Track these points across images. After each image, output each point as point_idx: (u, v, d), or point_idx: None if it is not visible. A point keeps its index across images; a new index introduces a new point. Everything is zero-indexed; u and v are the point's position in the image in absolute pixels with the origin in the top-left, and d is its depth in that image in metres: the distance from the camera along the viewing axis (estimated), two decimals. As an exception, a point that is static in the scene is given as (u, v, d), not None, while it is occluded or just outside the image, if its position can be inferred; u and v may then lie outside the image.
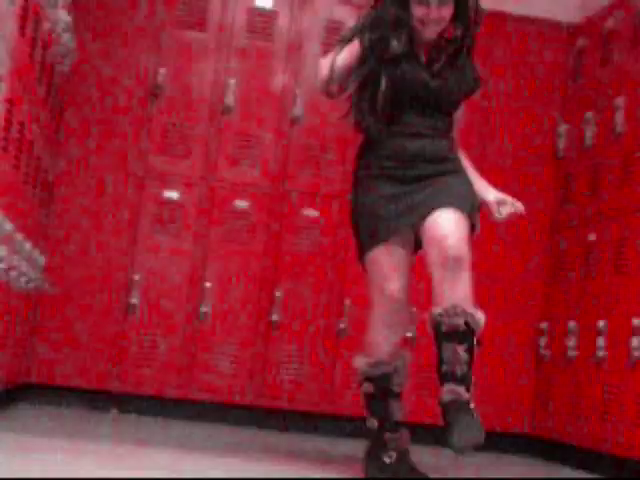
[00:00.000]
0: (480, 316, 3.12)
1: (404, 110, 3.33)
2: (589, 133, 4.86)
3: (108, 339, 4.88)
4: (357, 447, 4.46)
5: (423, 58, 3.38)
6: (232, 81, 5.06)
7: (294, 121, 5.10)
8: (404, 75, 3.29)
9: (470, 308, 3.08)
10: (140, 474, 2.85)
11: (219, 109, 5.05)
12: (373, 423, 3.33)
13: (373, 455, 3.32)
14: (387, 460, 3.26)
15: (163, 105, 5.01)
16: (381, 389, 3.31)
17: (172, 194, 4.99)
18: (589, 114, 4.87)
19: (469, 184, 3.36)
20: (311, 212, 5.07)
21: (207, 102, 5.06)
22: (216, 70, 5.08)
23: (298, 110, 5.09)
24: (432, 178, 3.29)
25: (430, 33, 3.33)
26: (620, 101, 4.56)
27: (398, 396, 3.32)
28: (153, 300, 4.92)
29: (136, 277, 4.91)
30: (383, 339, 3.32)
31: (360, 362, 3.36)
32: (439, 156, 3.33)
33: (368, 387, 3.33)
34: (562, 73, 5.26)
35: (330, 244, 5.07)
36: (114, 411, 4.81)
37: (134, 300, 4.89)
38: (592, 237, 4.69)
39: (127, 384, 4.87)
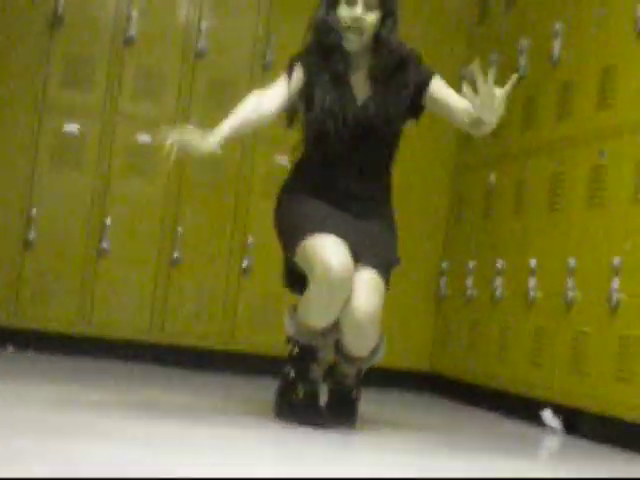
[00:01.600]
0: (379, 356, 3.23)
1: (335, 146, 3.22)
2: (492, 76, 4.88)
3: (4, 275, 4.78)
4: (260, 384, 4.48)
5: (354, 83, 3.25)
6: (135, 12, 4.94)
7: (198, 55, 5.01)
8: (328, 113, 3.19)
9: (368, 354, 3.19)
10: None
11: (121, 41, 4.94)
12: (289, 371, 3.26)
13: (284, 393, 3.28)
14: (294, 398, 3.23)
15: (63, 35, 4.87)
16: (306, 354, 3.26)
17: (72, 127, 4.88)
18: (493, 56, 4.89)
19: (394, 237, 3.30)
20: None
21: (109, 34, 4.93)
22: (119, 0, 4.95)
23: (202, 44, 5.01)
24: (361, 217, 3.22)
25: (350, 45, 3.20)
26: (524, 44, 4.59)
27: (321, 362, 3.28)
28: (52, 236, 4.83)
29: (33, 212, 4.80)
30: (315, 321, 3.13)
31: (289, 325, 3.23)
32: (369, 197, 3.25)
33: (293, 347, 3.25)
34: (468, 15, 5.27)
35: (234, 179, 5.02)
36: (10, 348, 4.72)
37: (32, 236, 4.79)
38: (492, 178, 4.74)
39: (24, 320, 4.79)
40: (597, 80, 3.95)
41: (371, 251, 3.15)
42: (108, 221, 4.87)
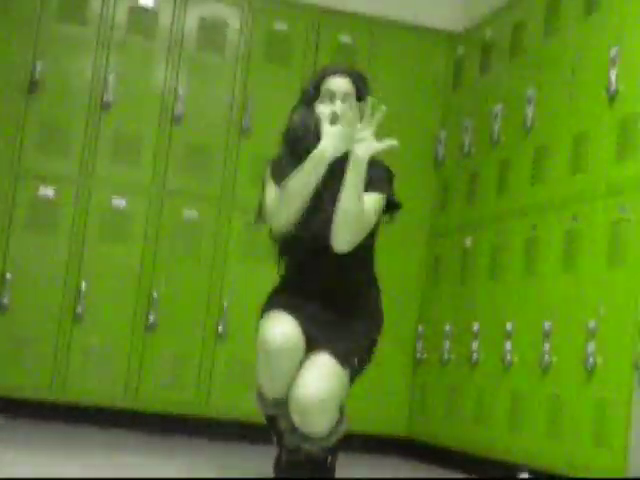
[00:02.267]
0: (334, 438, 3.11)
1: (307, 251, 3.19)
2: (467, 140, 4.94)
3: (-22, 340, 4.74)
4: (234, 450, 4.43)
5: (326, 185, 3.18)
6: (112, 77, 4.97)
7: (175, 120, 5.04)
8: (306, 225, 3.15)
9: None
10: None
11: (98, 105, 4.96)
12: (273, 438, 3.27)
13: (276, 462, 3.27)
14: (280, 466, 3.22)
15: (40, 100, 4.89)
16: (270, 424, 3.23)
17: (47, 192, 4.87)
18: (468, 121, 4.95)
19: (366, 328, 3.21)
20: (191, 213, 5.02)
21: (86, 98, 4.96)
22: (95, 66, 4.98)
23: (179, 109, 5.04)
24: (335, 311, 3.18)
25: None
26: (497, 109, 4.65)
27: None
28: (26, 300, 4.79)
29: (8, 276, 4.78)
30: (266, 388, 3.10)
31: (255, 396, 3.22)
32: (346, 294, 3.20)
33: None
34: (443, 81, 5.34)
35: (209, 246, 5.02)
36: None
37: (5, 300, 4.75)
38: (468, 242, 4.76)
39: (-3, 386, 4.74)
40: (570, 145, 4.00)
41: (332, 339, 3.09)
42: (83, 286, 4.84)
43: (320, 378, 3.01)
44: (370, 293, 3.29)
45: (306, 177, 3.11)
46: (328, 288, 3.17)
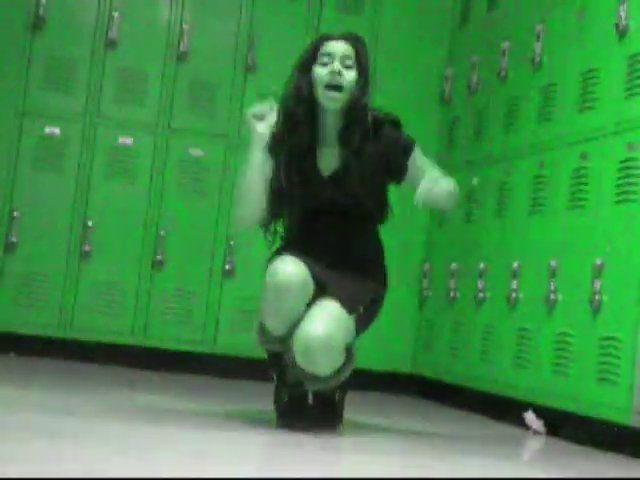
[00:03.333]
0: (341, 378, 3.11)
1: (314, 219, 3.20)
2: (475, 77, 4.90)
3: (-14, 278, 4.76)
4: (241, 386, 4.48)
5: (321, 156, 3.19)
6: (117, 14, 4.93)
7: (180, 57, 5.00)
8: (297, 194, 3.17)
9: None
10: None
11: (103, 43, 4.93)
12: (272, 376, 3.28)
13: (275, 398, 3.28)
14: (280, 402, 3.23)
15: (44, 38, 4.86)
16: (272, 360, 3.23)
17: (54, 130, 4.86)
18: (475, 58, 4.91)
19: (368, 284, 3.22)
20: (197, 150, 5.01)
21: (90, 36, 4.92)
22: (100, 2, 4.94)
23: (184, 46, 5.00)
24: (341, 265, 3.19)
25: (332, 104, 3.13)
26: (505, 46, 4.60)
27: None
28: (33, 238, 4.81)
29: (15, 214, 4.79)
30: (270, 326, 3.11)
31: (256, 333, 3.21)
32: (351, 257, 3.22)
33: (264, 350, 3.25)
34: (450, 17, 5.28)
35: (215, 183, 5.01)
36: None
37: (13, 238, 4.77)
38: (475, 181, 4.75)
39: (5, 323, 4.77)
40: (579, 82, 3.97)
41: (339, 287, 3.11)
42: (90, 224, 4.85)
43: (326, 320, 3.02)
44: (376, 255, 3.30)
45: (247, 170, 3.16)
46: (333, 249, 3.18)
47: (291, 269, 3.02)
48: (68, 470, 2.02)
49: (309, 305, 3.08)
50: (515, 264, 4.24)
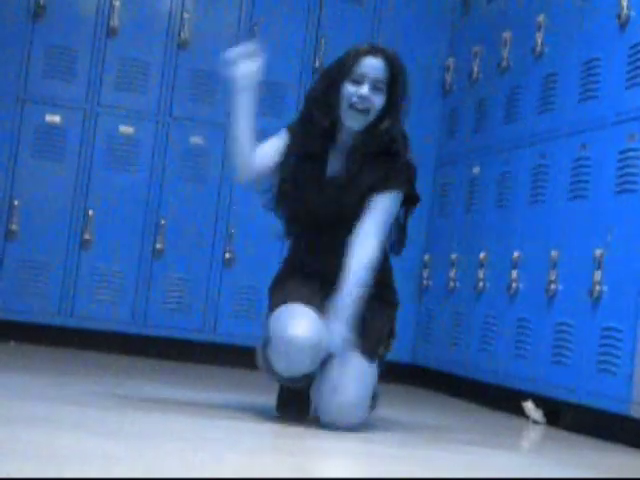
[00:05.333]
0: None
1: (310, 225, 3.10)
2: (476, 67, 4.89)
3: (-14, 266, 4.76)
4: (241, 375, 4.48)
5: (331, 161, 3.09)
6: (117, 2, 4.92)
7: (181, 46, 5.00)
8: (300, 198, 3.07)
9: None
10: None
11: (104, 31, 4.92)
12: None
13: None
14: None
15: (45, 25, 4.85)
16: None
17: (54, 118, 4.86)
18: (477, 48, 4.90)
19: (385, 316, 3.13)
20: (198, 139, 5.00)
21: (91, 24, 4.91)
22: (101, -9, 4.94)
23: (185, 35, 4.99)
24: None
25: (355, 122, 3.01)
26: (507, 36, 4.60)
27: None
28: (34, 227, 4.81)
29: (16, 202, 4.79)
30: (281, 372, 2.95)
31: (260, 358, 3.06)
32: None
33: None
34: (452, 7, 5.27)
35: (216, 172, 5.01)
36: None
37: (13, 226, 4.77)
38: (476, 170, 4.75)
39: (5, 311, 4.77)
40: (580, 72, 3.96)
41: (355, 329, 2.95)
42: (90, 212, 4.85)
43: (351, 387, 2.91)
44: (384, 271, 3.15)
45: (233, 119, 3.02)
46: (338, 269, 3.00)
47: (302, 330, 2.85)
48: (67, 459, 2.02)
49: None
50: (515, 254, 4.24)
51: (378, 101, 3.02)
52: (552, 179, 4.08)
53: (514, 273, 4.23)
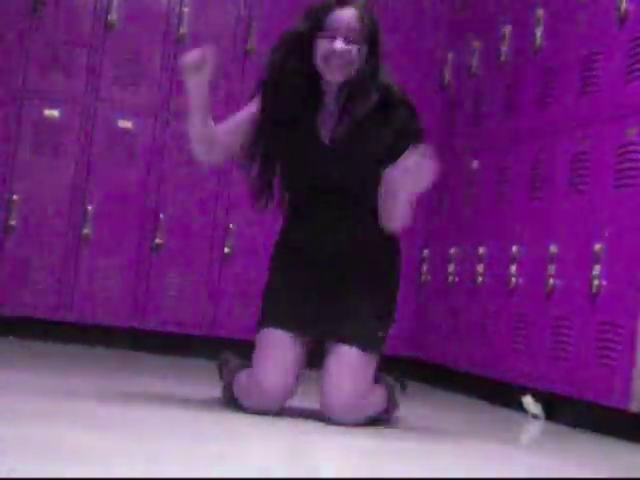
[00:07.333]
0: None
1: (309, 197, 2.99)
2: (474, 62, 4.89)
3: (-15, 261, 4.76)
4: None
5: (325, 124, 2.97)
6: (116, -3, 4.93)
7: (179, 41, 4.99)
8: (298, 164, 2.97)
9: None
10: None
11: (102, 26, 4.91)
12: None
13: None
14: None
15: (44, 20, 4.84)
16: None
17: (53, 113, 4.85)
18: (476, 42, 4.90)
19: (382, 297, 3.05)
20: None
21: (90, 18, 4.91)
22: (99, -15, 4.93)
23: (184, 30, 4.99)
24: (346, 279, 2.98)
25: (336, 74, 2.89)
26: (506, 30, 4.59)
27: None
28: (33, 222, 4.81)
29: (14, 197, 4.78)
30: (248, 408, 2.96)
31: (222, 391, 3.11)
32: (357, 248, 2.99)
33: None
34: (450, 2, 5.27)
35: (215, 168, 5.01)
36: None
37: (12, 222, 4.77)
38: (474, 165, 4.75)
39: (4, 306, 4.77)
40: (579, 67, 3.96)
41: (351, 322, 2.94)
42: (89, 207, 4.85)
43: (350, 378, 2.90)
44: (388, 248, 3.10)
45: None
46: (337, 245, 2.97)
47: (275, 379, 2.89)
48: (67, 455, 2.02)
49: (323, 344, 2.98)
50: (514, 248, 4.24)
51: (354, 51, 2.89)
52: (550, 174, 4.07)
53: (512, 267, 4.23)
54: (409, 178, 2.80)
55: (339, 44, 2.88)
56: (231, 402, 3.05)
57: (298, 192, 3.05)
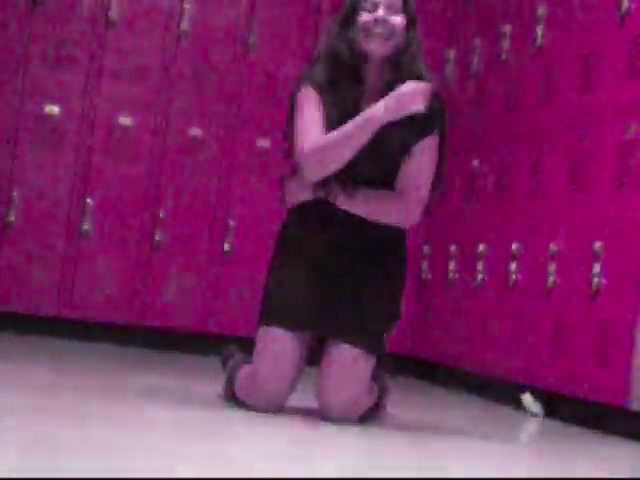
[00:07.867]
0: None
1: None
2: (475, 60, 4.89)
3: (-15, 256, 4.76)
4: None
5: (368, 102, 2.90)
6: (117, -6, 4.92)
7: (181, 37, 4.99)
8: None
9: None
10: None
11: (103, 21, 4.91)
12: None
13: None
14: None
15: (44, 16, 4.84)
16: None
17: (53, 109, 4.85)
18: (476, 41, 4.90)
19: (390, 291, 3.08)
20: (197, 131, 5.00)
21: (90, 14, 4.90)
22: (100, -18, 4.93)
23: (185, 26, 4.98)
24: (356, 268, 2.98)
25: (378, 47, 2.88)
26: (507, 28, 4.59)
27: None
28: (32, 217, 4.81)
29: (14, 193, 4.78)
30: (251, 406, 2.97)
31: (224, 387, 3.13)
32: (373, 232, 3.00)
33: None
34: (451, 1, 5.26)
35: (215, 163, 5.01)
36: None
37: (12, 217, 4.77)
38: (475, 163, 4.75)
39: (4, 302, 4.77)
40: (580, 65, 3.96)
41: (354, 321, 2.94)
42: (89, 203, 4.85)
43: (351, 378, 2.90)
44: (401, 240, 3.13)
45: (348, 140, 2.82)
46: (358, 226, 2.96)
47: (275, 377, 2.89)
48: (67, 452, 2.02)
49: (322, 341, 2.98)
50: (514, 246, 4.24)
51: (397, 20, 2.90)
52: (551, 172, 4.07)
53: (513, 265, 4.23)
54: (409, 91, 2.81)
55: (381, 12, 2.88)
56: (232, 398, 3.06)
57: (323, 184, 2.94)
